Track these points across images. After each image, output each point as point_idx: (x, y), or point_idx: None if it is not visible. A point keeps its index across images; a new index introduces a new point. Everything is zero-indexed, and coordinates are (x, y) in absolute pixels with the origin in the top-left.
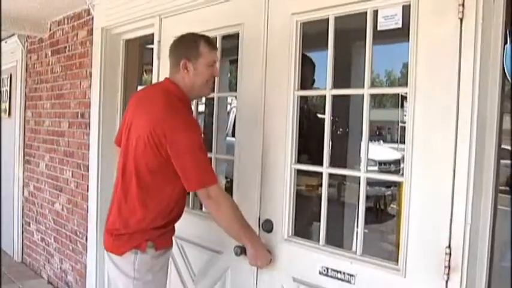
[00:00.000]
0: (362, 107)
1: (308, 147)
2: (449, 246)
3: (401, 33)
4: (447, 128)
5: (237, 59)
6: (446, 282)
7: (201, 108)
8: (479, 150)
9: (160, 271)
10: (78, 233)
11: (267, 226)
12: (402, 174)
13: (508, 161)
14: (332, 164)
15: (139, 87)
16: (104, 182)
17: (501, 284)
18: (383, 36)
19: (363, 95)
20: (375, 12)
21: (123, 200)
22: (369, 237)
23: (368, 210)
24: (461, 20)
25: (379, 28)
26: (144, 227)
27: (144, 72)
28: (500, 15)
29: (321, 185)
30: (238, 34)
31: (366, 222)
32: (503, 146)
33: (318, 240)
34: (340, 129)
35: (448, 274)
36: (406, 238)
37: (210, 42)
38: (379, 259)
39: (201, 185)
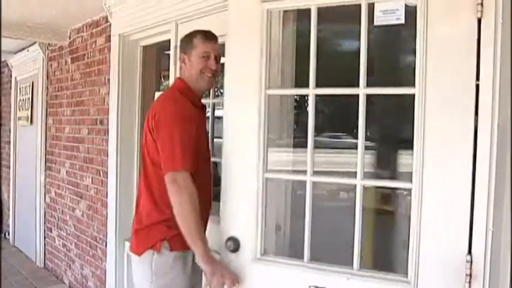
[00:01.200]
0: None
1: None
2: (470, 253)
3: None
4: (465, 132)
5: None
6: None
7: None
8: (501, 154)
9: (179, 276)
10: (98, 239)
11: (232, 245)
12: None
13: None
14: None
15: (157, 93)
16: (122, 188)
17: None
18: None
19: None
20: (371, 6)
21: (140, 196)
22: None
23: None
24: (479, 19)
25: (376, 23)
26: (155, 220)
27: (162, 78)
28: None
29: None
30: None
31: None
32: None
33: (302, 257)
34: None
35: (470, 282)
36: (417, 247)
37: (206, 34)
38: (382, 272)
39: (171, 168)
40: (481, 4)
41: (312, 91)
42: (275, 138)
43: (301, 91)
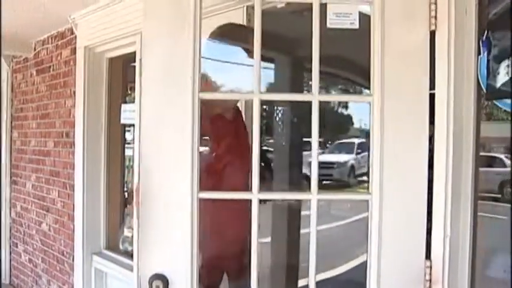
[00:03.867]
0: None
1: None
2: (429, 259)
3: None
4: (422, 141)
5: None
6: None
7: None
8: (457, 160)
9: None
10: (65, 253)
11: (161, 284)
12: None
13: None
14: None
15: (124, 105)
16: (89, 201)
17: None
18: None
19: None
20: (323, 6)
21: None
22: None
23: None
24: (433, 32)
25: (329, 26)
26: None
27: (129, 90)
28: (473, 26)
29: None
30: None
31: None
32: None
33: None
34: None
35: (430, 287)
36: (377, 256)
37: None
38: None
39: None
40: (435, 17)
41: (257, 96)
42: None
43: (243, 96)
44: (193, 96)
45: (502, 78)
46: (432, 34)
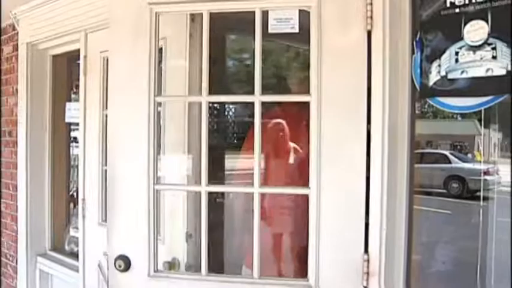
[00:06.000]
0: None
1: None
2: (366, 252)
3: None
4: (359, 137)
5: None
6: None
7: None
8: (392, 156)
9: None
10: (8, 256)
11: (122, 264)
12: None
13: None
14: None
15: (68, 104)
16: (33, 202)
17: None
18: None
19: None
20: (265, 13)
21: None
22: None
23: None
24: (369, 32)
25: (270, 31)
26: None
27: (75, 88)
28: (407, 27)
29: None
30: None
31: None
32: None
33: (200, 270)
34: None
35: (368, 280)
36: (316, 250)
37: None
38: (283, 278)
39: None
40: (371, 17)
41: (205, 98)
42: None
43: (192, 98)
44: (149, 99)
45: (433, 77)
46: (369, 34)
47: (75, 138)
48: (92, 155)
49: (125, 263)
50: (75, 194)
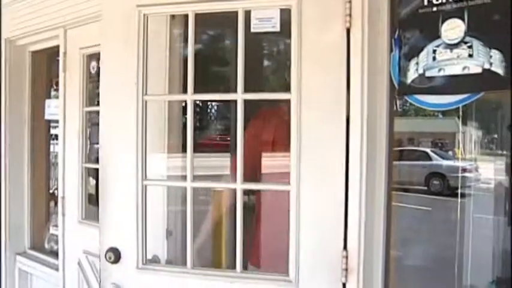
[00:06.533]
0: None
1: None
2: (345, 249)
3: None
4: (338, 135)
5: None
6: (344, 284)
7: None
8: (371, 153)
9: None
10: None
11: (113, 256)
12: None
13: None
14: None
15: (48, 101)
16: (12, 199)
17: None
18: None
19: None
20: (247, 13)
21: None
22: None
23: None
24: (348, 29)
25: (252, 30)
26: None
27: (54, 85)
28: (385, 25)
29: None
30: None
31: None
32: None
33: (185, 264)
34: None
35: (346, 276)
36: (297, 246)
37: None
38: (265, 273)
39: None
40: (350, 15)
41: (190, 97)
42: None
43: (179, 97)
44: (137, 99)
45: (411, 75)
46: (348, 32)
47: (55, 135)
48: (72, 153)
49: (114, 255)
50: (56, 191)
